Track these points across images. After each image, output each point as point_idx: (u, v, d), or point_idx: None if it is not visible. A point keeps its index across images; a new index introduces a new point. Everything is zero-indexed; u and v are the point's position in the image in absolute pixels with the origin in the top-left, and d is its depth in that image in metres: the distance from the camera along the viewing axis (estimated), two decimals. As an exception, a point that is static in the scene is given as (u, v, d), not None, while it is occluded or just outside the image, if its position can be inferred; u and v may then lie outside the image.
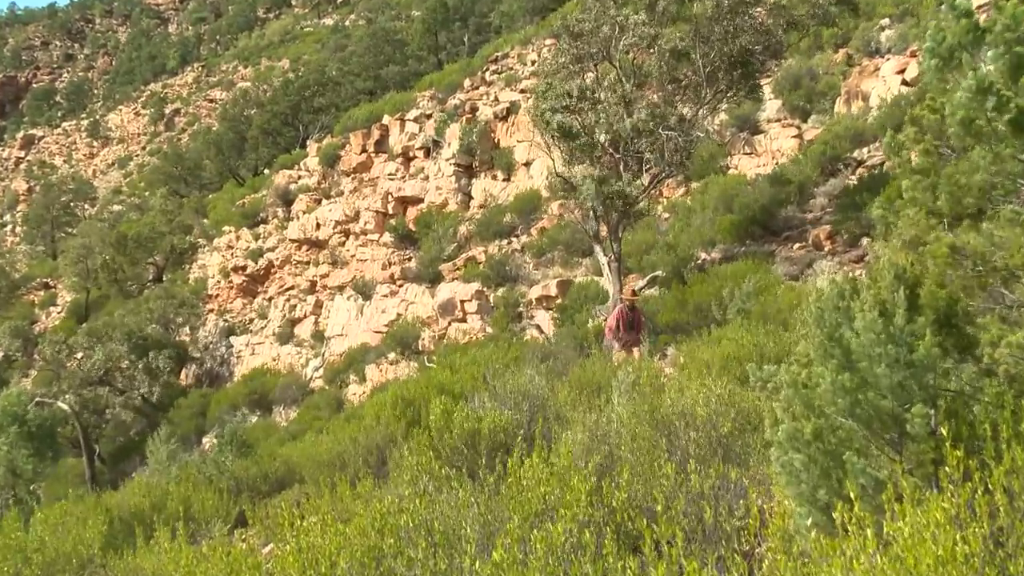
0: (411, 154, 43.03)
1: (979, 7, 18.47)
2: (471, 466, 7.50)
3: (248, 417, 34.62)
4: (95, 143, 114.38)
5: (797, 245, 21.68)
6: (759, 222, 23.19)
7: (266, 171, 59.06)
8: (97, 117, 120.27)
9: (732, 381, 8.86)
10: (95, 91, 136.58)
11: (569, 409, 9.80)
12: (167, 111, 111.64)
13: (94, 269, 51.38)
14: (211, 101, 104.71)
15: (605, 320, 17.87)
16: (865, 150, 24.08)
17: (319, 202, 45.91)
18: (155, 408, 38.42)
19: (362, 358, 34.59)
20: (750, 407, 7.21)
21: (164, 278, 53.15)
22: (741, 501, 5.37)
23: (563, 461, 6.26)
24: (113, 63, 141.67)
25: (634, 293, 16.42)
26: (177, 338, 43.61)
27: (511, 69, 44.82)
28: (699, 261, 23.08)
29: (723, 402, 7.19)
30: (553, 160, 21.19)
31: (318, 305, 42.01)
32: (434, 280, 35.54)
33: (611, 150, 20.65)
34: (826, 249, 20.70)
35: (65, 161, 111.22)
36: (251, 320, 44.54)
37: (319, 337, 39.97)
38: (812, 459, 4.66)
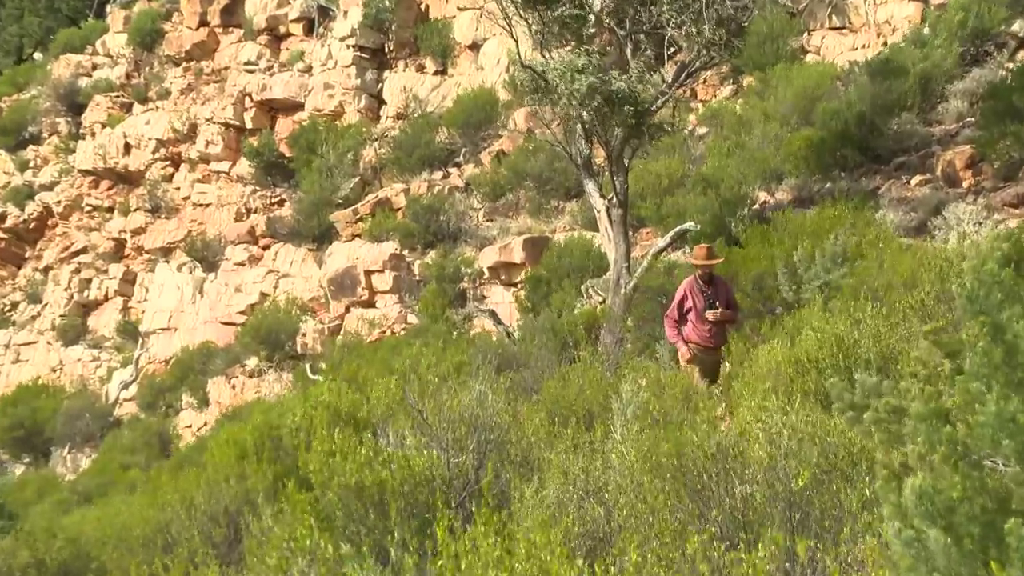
0: (282, 30, 42.67)
1: None
2: (379, 541, 7.45)
3: (7, 467, 34.24)
4: None
5: (917, 179, 21.85)
6: (855, 142, 23.33)
7: (37, 56, 58.22)
8: None
9: (811, 401, 8.88)
10: None
11: (543, 448, 9.79)
12: None
13: None
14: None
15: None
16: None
17: (128, 109, 45.42)
18: None
19: (202, 367, 34.41)
20: (839, 442, 7.23)
21: None
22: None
23: (532, 537, 6.24)
24: None
25: (710, 253, 14.50)
26: None
27: None
28: (757, 206, 23.19)
29: (798, 437, 7.21)
30: (517, 41, 21.05)
31: (128, 280, 41.67)
32: (321, 239, 35.40)
33: (612, 23, 20.58)
34: (965, 185, 20.86)
35: None
36: (11, 306, 44.01)
37: (130, 332, 39.67)
38: (957, 534, 4.68)
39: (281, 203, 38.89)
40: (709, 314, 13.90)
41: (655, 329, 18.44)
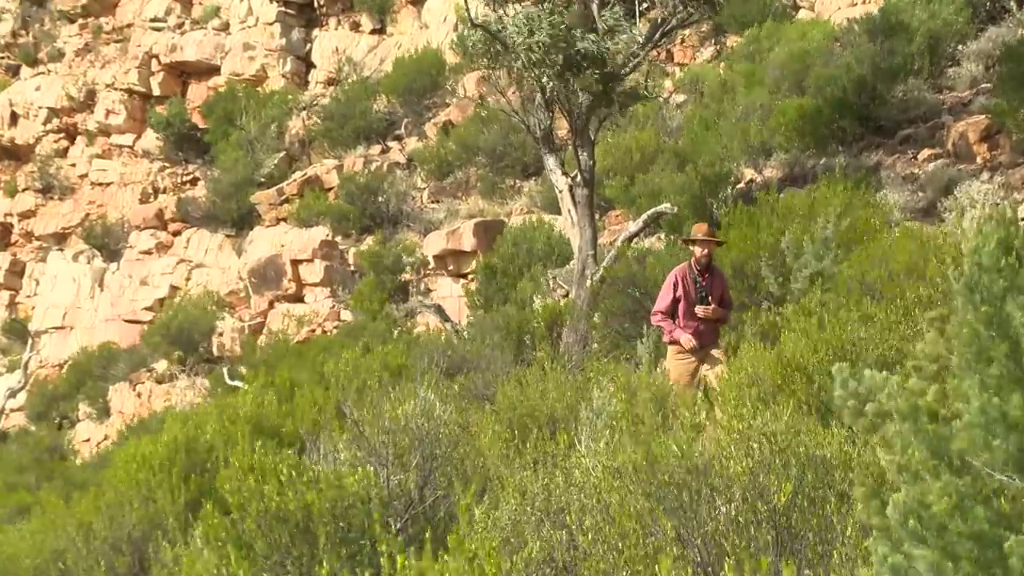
0: (195, -20, 42.50)
1: None
2: (306, 571, 7.45)
3: None
4: None
5: (925, 153, 21.99)
6: (854, 111, 23.44)
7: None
8: None
9: (801, 410, 8.94)
10: None
11: (499, 463, 9.82)
12: None
13: None
14: None
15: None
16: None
17: (15, 72, 45.11)
18: None
19: (103, 371, 34.24)
20: (833, 457, 7.30)
21: None
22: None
23: (484, 567, 6.27)
24: None
25: (711, 231, 13.79)
26: None
27: None
28: (742, 184, 23.28)
29: (779, 449, 7.26)
30: (466, -7, 21.09)
31: (16, 271, 41.42)
32: (241, 223, 35.29)
33: (576, -26, 20.62)
34: (979, 160, 20.99)
35: None
36: None
37: (17, 332, 39.43)
38: (947, 553, 4.71)
39: (194, 182, 38.81)
40: (699, 309, 13.50)
41: (625, 326, 18.50)
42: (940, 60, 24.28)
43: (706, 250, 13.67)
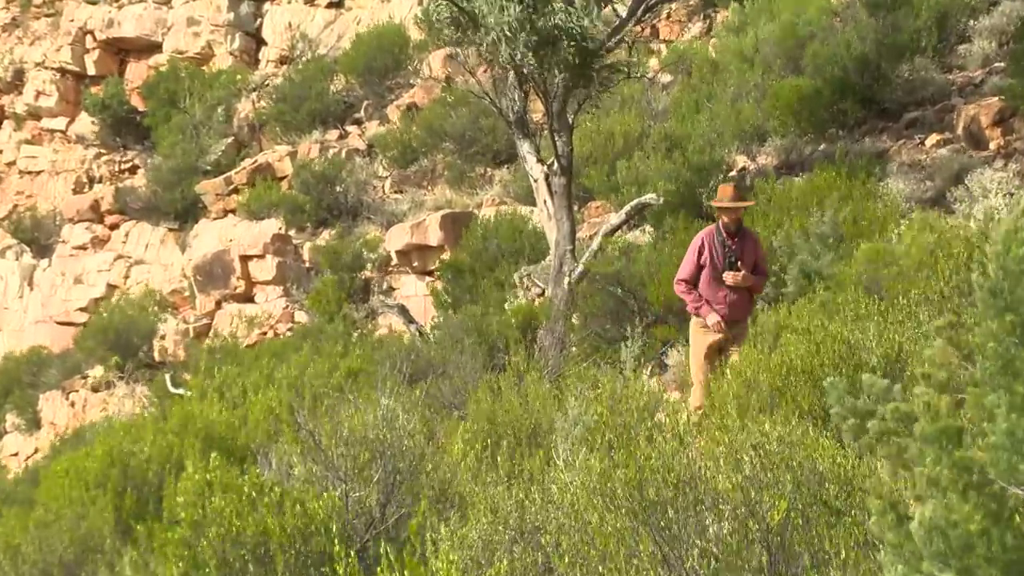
0: (134, -51, 42.41)
1: None
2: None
3: None
4: None
5: (933, 138, 22.05)
6: (856, 92, 23.49)
7: None
8: None
9: (798, 418, 8.96)
10: None
11: (470, 478, 9.82)
12: None
13: None
14: None
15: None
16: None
17: (-63, 50, 44.97)
18: None
19: (32, 378, 34.12)
20: (828, 471, 7.31)
21: None
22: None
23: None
24: None
25: (738, 194, 13.67)
26: None
27: None
28: (734, 172, 23.30)
29: (774, 462, 7.28)
30: (432, -36, 21.09)
31: (-62, 269, 41.28)
32: (185, 216, 35.20)
33: (552, -58, 20.64)
34: (993, 146, 21.05)
35: None
36: None
37: (-60, 336, 39.29)
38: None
39: (133, 170, 38.71)
40: (727, 276, 12.99)
41: (606, 327, 18.55)
42: (949, 36, 24.34)
43: (733, 215, 13.24)
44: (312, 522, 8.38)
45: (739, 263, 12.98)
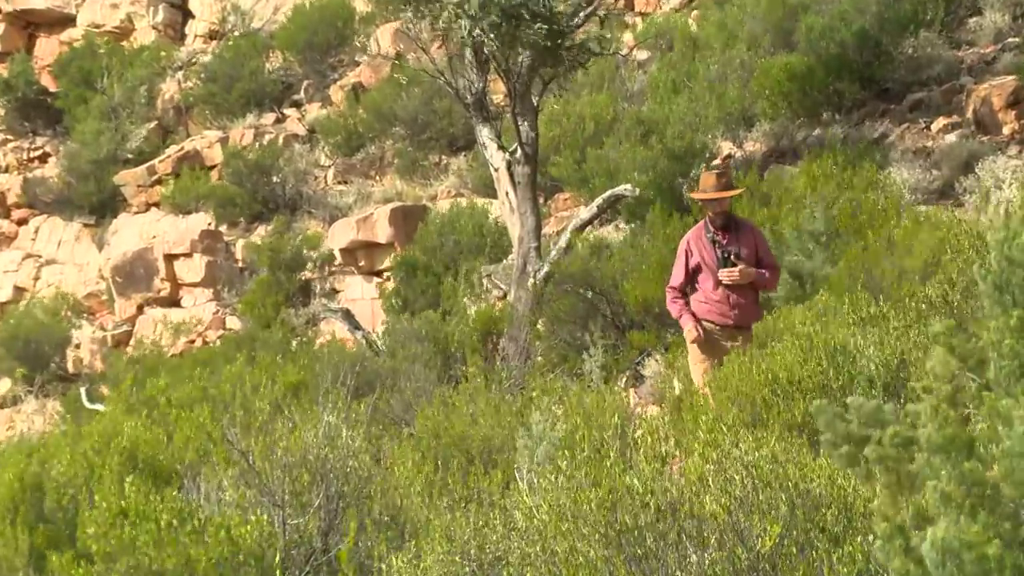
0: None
1: None
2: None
3: None
4: None
5: (941, 122, 22.11)
6: (854, 71, 23.55)
7: None
8: None
9: (790, 435, 8.98)
10: None
11: (422, 502, 9.83)
12: None
13: None
14: None
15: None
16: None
17: None
18: None
19: (-70, 393, 33.94)
20: (824, 492, 7.34)
21: None
22: None
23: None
24: None
25: (722, 182, 12.93)
26: None
27: None
28: (718, 161, 23.33)
29: (765, 483, 7.29)
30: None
31: None
32: (103, 210, 35.08)
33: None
34: (1006, 131, 21.12)
35: None
36: None
37: None
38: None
39: (44, 159, 38.54)
40: (723, 274, 12.55)
41: (576, 334, 18.55)
42: (958, 9, 24.42)
43: (719, 207, 12.81)
44: (240, 551, 8.35)
45: (735, 258, 12.58)
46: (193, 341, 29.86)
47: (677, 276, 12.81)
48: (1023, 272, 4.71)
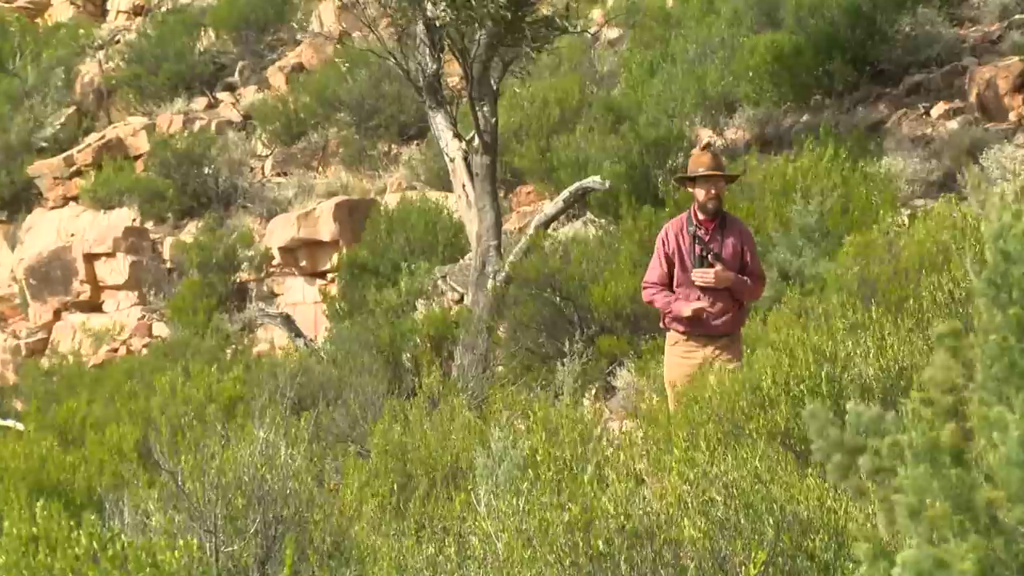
0: None
1: None
2: None
3: None
4: None
5: (941, 107, 22.18)
6: (847, 51, 23.62)
7: None
8: None
9: (777, 451, 9.02)
10: None
11: (369, 527, 9.83)
12: None
13: None
14: None
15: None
16: None
17: None
18: None
19: None
20: (812, 515, 7.37)
21: None
22: None
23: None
24: None
25: (716, 161, 12.55)
26: None
27: None
28: (697, 149, 23.37)
29: (745, 502, 7.32)
30: None
31: None
32: (15, 204, 35.02)
33: None
34: (1012, 116, 21.20)
35: None
36: None
37: None
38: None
39: (-50, 149, 38.46)
40: (697, 274, 11.99)
41: (540, 341, 18.56)
42: (960, -16, 24.52)
43: (713, 190, 12.19)
44: (165, 576, 8.33)
45: (712, 258, 12.00)
46: (116, 350, 29.79)
47: (655, 271, 12.29)
48: (1019, 267, 4.72)
